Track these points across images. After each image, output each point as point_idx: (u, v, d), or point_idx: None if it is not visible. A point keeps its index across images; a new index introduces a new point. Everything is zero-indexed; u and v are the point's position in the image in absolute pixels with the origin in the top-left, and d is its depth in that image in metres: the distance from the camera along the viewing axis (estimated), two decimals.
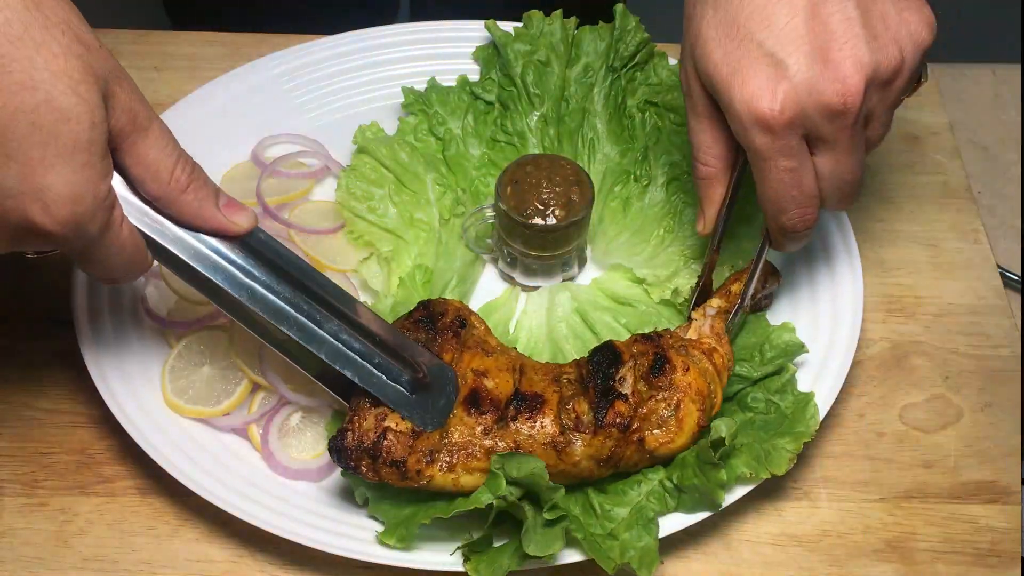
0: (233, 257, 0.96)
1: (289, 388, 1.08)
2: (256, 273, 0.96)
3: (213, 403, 1.08)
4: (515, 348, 1.10)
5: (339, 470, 1.03)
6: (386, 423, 0.97)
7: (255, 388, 1.10)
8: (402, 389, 0.99)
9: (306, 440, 1.07)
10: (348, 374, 0.97)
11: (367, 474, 0.98)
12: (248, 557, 1.03)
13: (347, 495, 1.04)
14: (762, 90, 0.92)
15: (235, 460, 1.05)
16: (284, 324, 0.96)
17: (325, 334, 0.98)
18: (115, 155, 0.87)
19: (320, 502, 1.03)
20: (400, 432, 0.97)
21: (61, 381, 1.14)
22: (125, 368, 1.09)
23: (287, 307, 0.97)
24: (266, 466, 1.06)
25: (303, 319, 0.97)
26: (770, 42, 0.92)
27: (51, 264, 1.22)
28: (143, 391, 1.08)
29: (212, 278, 0.94)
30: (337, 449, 0.98)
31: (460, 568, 0.97)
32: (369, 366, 0.99)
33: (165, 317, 1.14)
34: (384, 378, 0.99)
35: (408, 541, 0.97)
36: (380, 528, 1.00)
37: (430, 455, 0.97)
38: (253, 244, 0.96)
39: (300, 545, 0.98)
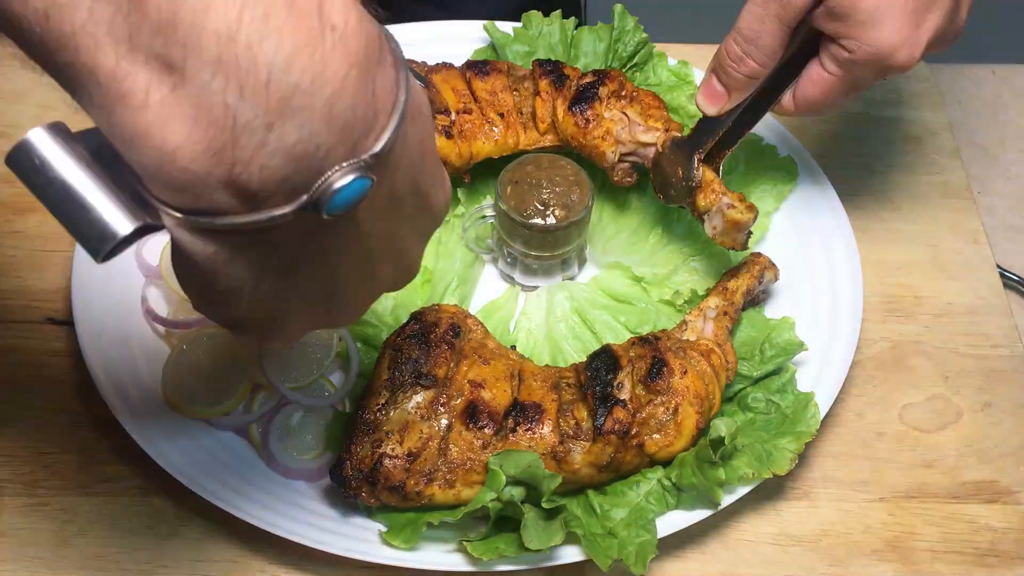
0: None
1: (289, 388, 1.08)
2: None
3: (213, 403, 1.08)
4: (514, 347, 1.10)
5: None
6: (382, 449, 0.98)
7: (255, 388, 1.10)
8: None
9: (306, 440, 1.07)
10: None
11: (368, 499, 0.99)
12: (248, 557, 1.03)
13: None
14: (909, 38, 0.96)
15: (235, 460, 1.05)
16: None
17: None
18: None
19: (320, 502, 1.03)
20: (396, 456, 0.97)
21: (61, 381, 1.14)
22: (125, 368, 1.09)
23: None
24: (266, 466, 1.06)
25: None
26: None
27: (51, 264, 1.23)
28: (143, 391, 1.08)
29: None
30: (337, 478, 0.98)
31: (462, 568, 0.97)
32: None
33: (165, 317, 1.14)
34: None
35: (414, 542, 0.97)
36: (381, 527, 1.00)
37: (428, 475, 0.98)
38: None
39: (300, 545, 0.98)
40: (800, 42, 1.03)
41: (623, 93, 1.21)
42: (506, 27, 1.34)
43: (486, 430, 0.99)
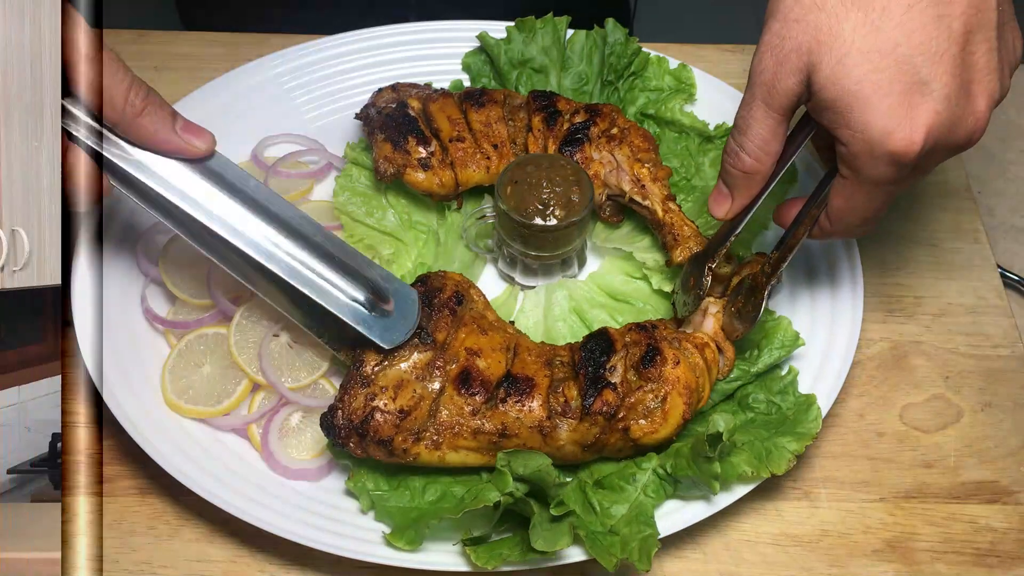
0: (193, 179, 1.00)
1: (289, 388, 1.08)
2: (215, 193, 1.00)
3: (213, 403, 1.08)
4: (512, 323, 1.11)
5: (339, 470, 1.03)
6: (375, 403, 0.99)
7: (255, 388, 1.10)
8: (360, 307, 1.01)
9: (306, 440, 1.07)
10: (306, 291, 1.00)
11: (355, 450, 1.00)
12: (248, 557, 1.03)
13: (347, 494, 1.04)
14: (904, 121, 0.87)
15: (235, 460, 1.05)
16: (240, 241, 1.00)
17: (282, 253, 1.01)
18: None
19: (320, 502, 1.03)
20: (388, 412, 0.99)
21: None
22: (125, 368, 1.09)
23: (243, 226, 1.00)
24: (266, 466, 1.06)
25: (259, 239, 1.01)
26: (925, 69, 0.86)
27: None
28: (143, 391, 1.08)
29: (169, 197, 0.98)
30: (327, 426, 1.00)
31: (462, 568, 0.97)
32: (326, 284, 1.02)
33: (165, 317, 1.14)
34: (341, 296, 1.01)
35: (417, 543, 0.97)
36: (382, 527, 1.00)
37: (416, 433, 0.99)
38: (213, 167, 1.01)
39: (300, 545, 0.98)
40: (829, 167, 0.99)
41: (614, 132, 1.22)
42: (500, 29, 1.34)
43: (477, 397, 1.00)
